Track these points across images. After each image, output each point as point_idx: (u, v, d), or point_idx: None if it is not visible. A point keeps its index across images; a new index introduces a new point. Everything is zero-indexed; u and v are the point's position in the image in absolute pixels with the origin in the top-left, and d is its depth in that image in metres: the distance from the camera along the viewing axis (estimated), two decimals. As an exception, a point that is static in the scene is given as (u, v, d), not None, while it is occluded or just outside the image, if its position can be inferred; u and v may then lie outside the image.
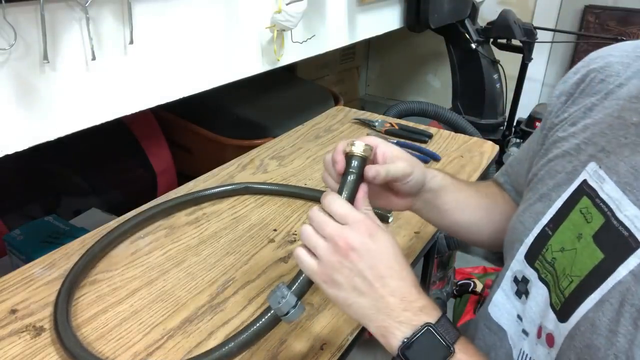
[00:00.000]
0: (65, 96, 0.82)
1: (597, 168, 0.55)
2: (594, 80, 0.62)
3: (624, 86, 0.58)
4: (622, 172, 0.52)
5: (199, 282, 0.77)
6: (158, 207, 0.91)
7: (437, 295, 1.76)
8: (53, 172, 1.44)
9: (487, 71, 2.00)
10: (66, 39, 0.79)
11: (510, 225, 0.67)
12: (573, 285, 0.53)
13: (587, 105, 0.61)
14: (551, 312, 0.56)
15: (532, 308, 0.60)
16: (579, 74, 0.65)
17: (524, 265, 0.62)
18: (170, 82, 1.00)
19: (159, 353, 0.64)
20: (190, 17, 0.99)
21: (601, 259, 0.50)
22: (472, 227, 0.75)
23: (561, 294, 0.54)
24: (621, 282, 0.47)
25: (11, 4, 0.69)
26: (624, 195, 0.50)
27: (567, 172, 0.59)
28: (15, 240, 1.07)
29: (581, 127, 0.60)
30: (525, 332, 0.61)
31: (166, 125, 1.66)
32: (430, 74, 2.84)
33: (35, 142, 0.81)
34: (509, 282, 0.64)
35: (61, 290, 0.71)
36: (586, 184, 0.56)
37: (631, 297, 0.46)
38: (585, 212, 0.55)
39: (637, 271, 0.46)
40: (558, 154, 0.62)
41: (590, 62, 0.64)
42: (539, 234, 0.60)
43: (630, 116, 0.54)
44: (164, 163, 1.62)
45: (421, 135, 1.27)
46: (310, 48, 1.34)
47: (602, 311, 0.48)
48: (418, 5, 1.74)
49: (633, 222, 0.49)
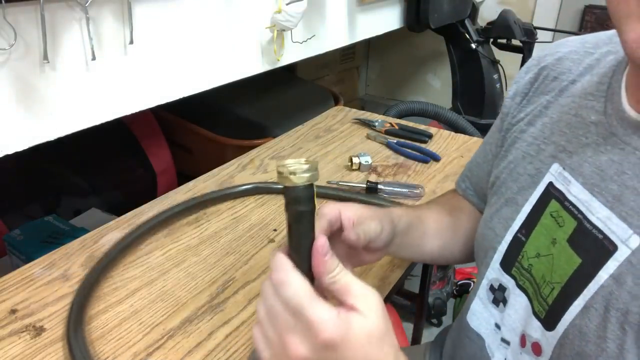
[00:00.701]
0: (65, 96, 0.82)
1: (561, 170, 0.54)
2: (547, 78, 0.61)
3: (577, 82, 0.58)
4: (587, 173, 0.51)
5: (199, 282, 0.77)
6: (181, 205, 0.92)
7: (437, 295, 1.76)
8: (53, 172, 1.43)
9: (487, 71, 1.99)
10: (66, 39, 0.79)
11: (479, 232, 0.65)
12: (555, 292, 0.52)
13: (543, 103, 0.60)
14: (535, 320, 0.54)
15: (512, 316, 0.58)
16: (530, 72, 0.64)
17: (499, 273, 0.60)
18: (170, 82, 1.00)
19: (159, 353, 0.64)
20: (190, 17, 0.99)
21: (579, 263, 0.49)
22: (444, 250, 0.73)
23: (544, 302, 0.53)
24: (603, 286, 0.46)
25: (11, 4, 0.69)
26: (593, 197, 0.50)
27: (530, 174, 0.58)
28: (15, 240, 1.07)
29: (539, 126, 0.59)
30: (505, 340, 0.59)
31: (166, 125, 1.66)
32: (430, 74, 2.84)
33: (35, 142, 0.81)
34: (485, 290, 0.63)
35: (73, 305, 0.69)
36: (552, 186, 0.55)
37: (615, 302, 0.45)
38: (556, 215, 0.54)
39: (617, 274, 0.45)
40: (518, 156, 0.61)
41: (541, 60, 0.64)
42: (512, 241, 0.59)
43: (588, 114, 0.54)
44: (164, 163, 1.62)
45: (421, 135, 1.27)
46: (310, 48, 1.34)
47: (589, 317, 0.47)
48: (418, 5, 1.74)
49: (606, 224, 0.48)
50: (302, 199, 0.40)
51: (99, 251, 0.83)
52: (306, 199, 0.40)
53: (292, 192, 0.40)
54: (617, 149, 0.49)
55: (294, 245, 0.41)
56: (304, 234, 0.41)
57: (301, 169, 0.40)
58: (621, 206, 0.47)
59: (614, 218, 0.47)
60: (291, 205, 0.40)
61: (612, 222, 0.47)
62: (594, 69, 0.57)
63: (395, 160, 1.16)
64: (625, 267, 0.45)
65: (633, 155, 0.47)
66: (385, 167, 1.12)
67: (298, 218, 0.40)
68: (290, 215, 0.41)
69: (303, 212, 0.40)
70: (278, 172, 0.40)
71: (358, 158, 1.10)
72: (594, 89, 0.55)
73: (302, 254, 0.41)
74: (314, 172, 0.40)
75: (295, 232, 0.41)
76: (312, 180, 0.40)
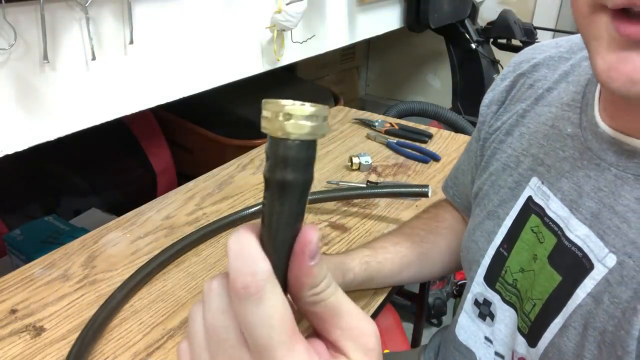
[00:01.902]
0: (65, 96, 0.82)
1: (539, 184, 0.53)
2: (523, 86, 0.60)
3: (553, 90, 0.56)
4: (565, 189, 0.50)
5: (199, 282, 0.77)
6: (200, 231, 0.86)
7: (437, 295, 1.76)
8: (53, 172, 1.43)
9: (487, 71, 1.99)
10: (66, 39, 0.79)
11: (464, 244, 0.65)
12: (537, 309, 0.51)
13: (519, 112, 0.59)
14: (519, 336, 0.54)
15: (502, 331, 0.57)
16: (507, 79, 0.62)
17: (484, 287, 0.59)
18: (170, 82, 1.00)
19: (159, 353, 0.64)
20: (190, 17, 0.99)
21: (559, 281, 0.48)
22: (419, 275, 0.75)
23: (527, 318, 0.52)
24: (581, 305, 0.45)
25: (11, 4, 0.69)
26: (571, 214, 0.48)
27: (510, 187, 0.57)
28: (15, 240, 1.07)
29: (517, 136, 0.58)
30: (500, 354, 0.58)
31: (166, 125, 1.66)
32: (430, 74, 2.84)
33: (35, 142, 0.81)
34: (470, 304, 0.62)
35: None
36: (532, 201, 0.54)
37: (593, 321, 0.44)
38: (537, 231, 0.53)
39: (595, 293, 0.44)
40: (498, 168, 0.59)
41: (517, 67, 0.62)
42: (494, 255, 0.58)
43: (564, 126, 0.52)
44: (164, 163, 1.62)
45: (421, 135, 1.27)
46: (310, 48, 1.34)
47: (567, 336, 0.46)
48: (418, 5, 1.74)
49: (585, 242, 0.46)
50: (296, 160, 0.24)
51: (98, 251, 0.83)
52: (303, 162, 0.24)
53: (282, 147, 0.24)
54: (593, 164, 0.47)
55: (271, 233, 0.25)
56: (287, 219, 0.25)
57: (302, 113, 0.23)
58: (599, 224, 0.46)
59: (592, 236, 0.46)
60: (278, 170, 0.24)
61: (591, 240, 0.46)
62: (569, 76, 0.55)
63: (395, 160, 1.16)
64: (602, 286, 0.44)
65: (608, 172, 0.46)
66: (385, 167, 1.12)
67: (284, 191, 0.24)
68: (273, 184, 0.24)
69: (293, 182, 0.24)
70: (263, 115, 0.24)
71: (358, 158, 1.10)
72: (570, 98, 0.53)
73: (279, 248, 0.25)
74: (321, 123, 0.24)
75: (275, 214, 0.25)
76: (317, 133, 0.24)
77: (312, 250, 0.25)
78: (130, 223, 0.90)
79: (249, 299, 0.23)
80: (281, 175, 0.24)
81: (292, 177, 0.24)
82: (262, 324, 0.23)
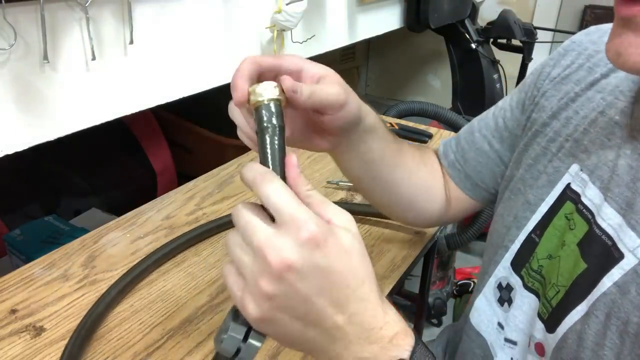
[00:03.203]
0: (66, 96, 0.82)
1: (579, 170, 0.52)
2: (581, 68, 0.58)
3: (609, 76, 0.55)
4: (604, 177, 0.49)
5: (199, 282, 0.77)
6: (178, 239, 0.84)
7: (437, 295, 1.76)
8: (53, 172, 1.44)
9: (487, 71, 1.99)
10: (66, 39, 0.79)
11: (492, 228, 0.64)
12: (560, 295, 0.51)
13: (570, 95, 0.57)
14: (539, 321, 0.53)
15: (518, 317, 0.57)
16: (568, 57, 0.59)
17: (509, 272, 0.59)
18: (170, 82, 1.00)
19: (159, 353, 0.64)
20: (190, 17, 0.99)
21: (584, 268, 0.48)
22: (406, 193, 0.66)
23: (548, 304, 0.52)
24: (606, 294, 0.45)
25: (11, 4, 0.69)
26: (606, 202, 0.48)
27: (548, 173, 0.56)
28: (15, 240, 1.07)
29: (563, 120, 0.57)
30: (511, 340, 0.58)
31: (166, 125, 1.66)
32: (430, 74, 2.84)
33: (35, 142, 0.81)
34: (491, 288, 0.61)
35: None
36: (569, 188, 0.53)
37: (617, 310, 0.44)
38: (570, 217, 0.52)
39: (622, 283, 0.44)
40: (538, 152, 0.58)
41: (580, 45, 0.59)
42: (525, 240, 0.57)
43: (614, 114, 0.51)
44: (164, 163, 1.62)
45: (421, 135, 1.27)
46: (310, 48, 1.34)
47: (588, 324, 0.46)
48: (418, 5, 1.74)
49: (616, 231, 0.46)
50: (276, 114, 0.42)
51: (98, 251, 0.83)
52: (279, 114, 0.42)
53: (267, 108, 0.42)
54: (637, 154, 0.47)
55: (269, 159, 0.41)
56: (279, 147, 0.41)
57: (271, 88, 0.42)
58: (632, 214, 0.45)
59: (624, 226, 0.46)
60: (266, 122, 0.41)
61: (622, 229, 0.46)
62: None
63: (395, 160, 1.16)
64: (630, 276, 0.44)
65: None
66: (385, 167, 1.12)
67: (274, 131, 0.41)
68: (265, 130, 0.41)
69: (279, 125, 0.41)
70: (250, 94, 0.43)
71: (358, 158, 1.10)
72: (625, 87, 0.52)
73: (277, 166, 0.40)
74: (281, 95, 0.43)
75: (270, 146, 0.41)
76: (281, 97, 0.43)
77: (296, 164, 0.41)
78: (130, 223, 0.90)
79: (262, 182, 0.38)
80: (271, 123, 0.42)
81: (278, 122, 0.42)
82: (274, 193, 0.37)
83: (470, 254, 2.16)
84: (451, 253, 1.79)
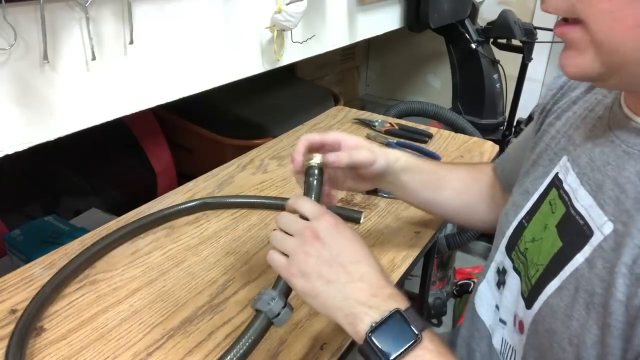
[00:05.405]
0: (65, 96, 0.82)
1: (566, 161, 0.58)
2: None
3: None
4: (582, 163, 0.54)
5: (199, 282, 0.77)
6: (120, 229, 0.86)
7: (437, 295, 1.76)
8: (53, 172, 1.43)
9: (487, 71, 1.99)
10: (66, 39, 0.79)
11: (499, 216, 0.70)
12: (538, 273, 0.55)
13: (573, 98, 0.64)
14: (521, 300, 0.58)
15: (507, 297, 0.62)
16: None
17: (504, 256, 0.64)
18: (170, 82, 1.00)
19: (159, 353, 0.64)
20: (190, 17, 0.99)
21: (560, 247, 0.53)
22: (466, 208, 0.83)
23: (529, 282, 0.57)
24: (577, 269, 0.49)
25: (11, 4, 0.69)
26: (581, 186, 0.53)
27: (544, 165, 0.62)
28: (15, 240, 1.07)
29: (564, 120, 0.63)
30: (503, 321, 0.63)
31: (166, 125, 1.66)
32: (430, 74, 2.84)
33: (35, 142, 0.80)
34: (493, 273, 0.67)
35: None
36: (557, 176, 0.58)
37: (585, 283, 0.48)
38: (553, 202, 0.57)
39: (590, 258, 0.48)
40: (543, 148, 0.64)
41: None
42: (516, 226, 0.63)
43: (599, 109, 0.57)
44: (164, 163, 1.62)
45: (421, 135, 1.27)
46: (310, 48, 1.34)
47: (560, 297, 0.50)
48: (418, 5, 1.74)
49: (588, 211, 0.51)
50: (318, 169, 0.66)
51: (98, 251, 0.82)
52: (319, 170, 0.66)
53: (312, 167, 0.66)
54: (609, 141, 0.52)
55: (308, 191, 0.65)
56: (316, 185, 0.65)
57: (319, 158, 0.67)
58: (601, 194, 0.50)
59: (594, 206, 0.50)
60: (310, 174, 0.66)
61: (592, 209, 0.50)
62: None
63: (395, 160, 1.16)
64: (597, 252, 0.48)
65: (619, 148, 0.51)
66: (385, 167, 1.12)
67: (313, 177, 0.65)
68: (307, 176, 0.66)
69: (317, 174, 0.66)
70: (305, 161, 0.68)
71: (358, 158, 1.10)
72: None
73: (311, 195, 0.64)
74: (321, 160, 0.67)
75: (309, 184, 0.65)
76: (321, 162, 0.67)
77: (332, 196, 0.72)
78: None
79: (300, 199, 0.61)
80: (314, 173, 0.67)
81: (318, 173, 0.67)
82: (308, 202, 0.60)
83: (470, 254, 2.16)
84: (451, 253, 1.79)
